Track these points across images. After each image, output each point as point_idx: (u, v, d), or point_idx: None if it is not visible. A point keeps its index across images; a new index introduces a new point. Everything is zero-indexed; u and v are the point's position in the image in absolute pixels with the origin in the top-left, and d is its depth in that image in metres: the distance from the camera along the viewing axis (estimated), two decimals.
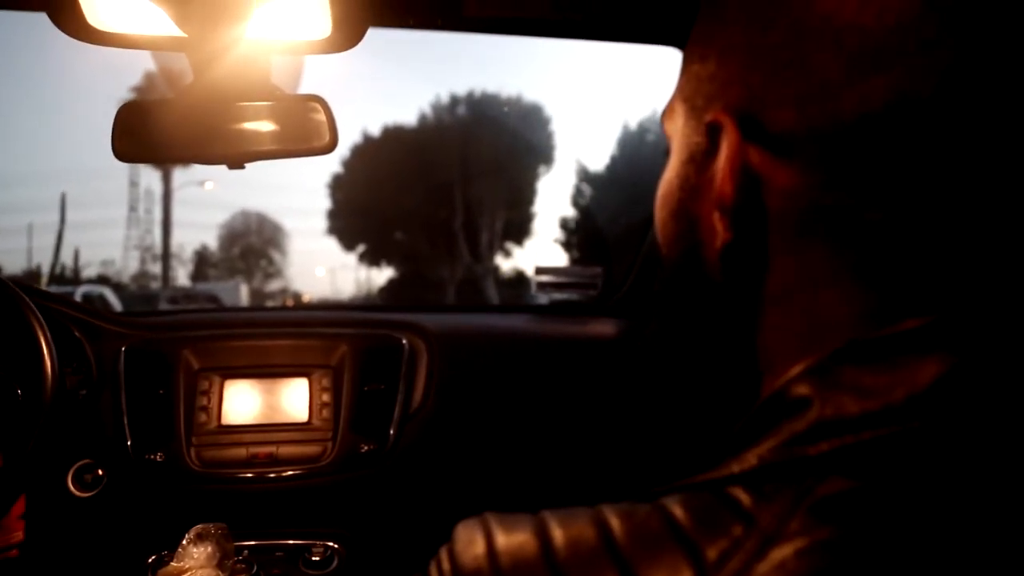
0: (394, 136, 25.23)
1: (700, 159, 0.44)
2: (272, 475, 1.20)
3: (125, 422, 1.19)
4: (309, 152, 1.08)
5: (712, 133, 0.41)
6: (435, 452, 1.30)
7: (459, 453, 1.32)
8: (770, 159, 0.39)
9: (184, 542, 0.94)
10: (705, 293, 0.45)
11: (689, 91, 0.45)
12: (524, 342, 1.43)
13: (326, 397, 1.26)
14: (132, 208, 26.36)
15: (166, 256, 25.80)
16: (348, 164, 25.78)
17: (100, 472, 1.19)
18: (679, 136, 0.47)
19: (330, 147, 1.07)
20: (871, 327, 0.36)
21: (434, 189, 23.92)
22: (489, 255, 24.85)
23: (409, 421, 1.28)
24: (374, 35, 1.01)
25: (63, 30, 0.99)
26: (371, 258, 27.42)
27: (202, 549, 0.92)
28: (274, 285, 30.96)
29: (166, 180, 26.02)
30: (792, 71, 0.38)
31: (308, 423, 1.25)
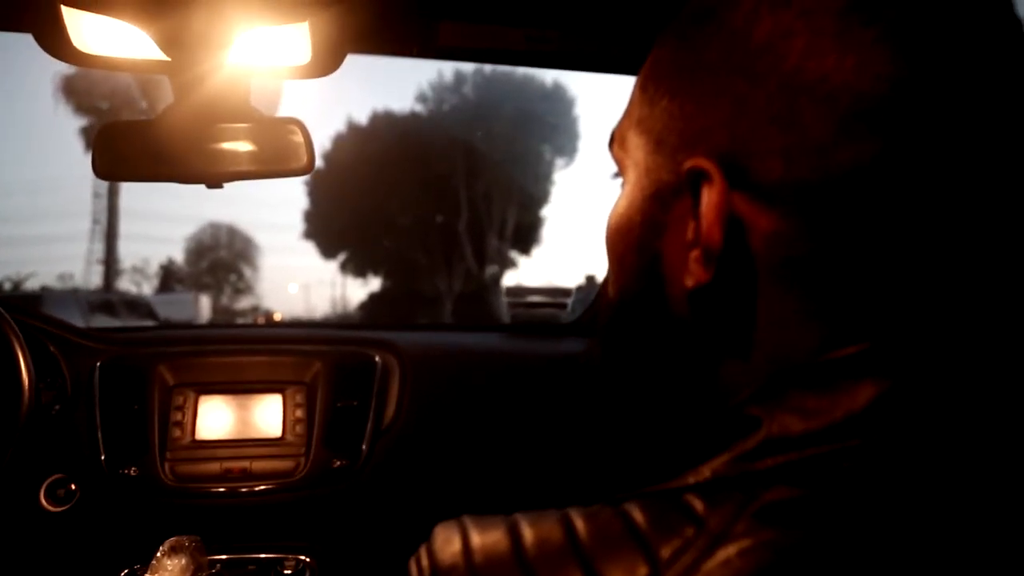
0: (385, 123, 22.10)
1: (667, 197, 0.45)
2: (245, 490, 1.24)
3: (99, 437, 1.23)
4: (286, 173, 1.13)
5: (693, 177, 0.43)
6: (407, 468, 1.34)
7: (430, 469, 1.36)
8: (754, 206, 0.41)
9: (158, 554, 0.97)
10: (659, 327, 0.48)
11: (654, 126, 0.46)
12: (494, 360, 1.48)
13: (299, 413, 1.30)
14: (95, 221, 25.71)
15: (108, 262, 24.79)
16: (329, 157, 22.61)
17: (73, 487, 1.21)
18: (639, 169, 0.48)
19: (307, 168, 1.11)
20: (820, 357, 0.40)
21: (432, 185, 21.14)
22: (500, 263, 21.99)
23: (381, 437, 1.32)
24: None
25: (48, 52, 1.03)
26: (355, 267, 24.29)
27: (176, 561, 0.95)
28: (244, 302, 30.34)
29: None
30: (781, 125, 0.40)
31: (281, 439, 1.28)
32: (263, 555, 1.25)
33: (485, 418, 1.41)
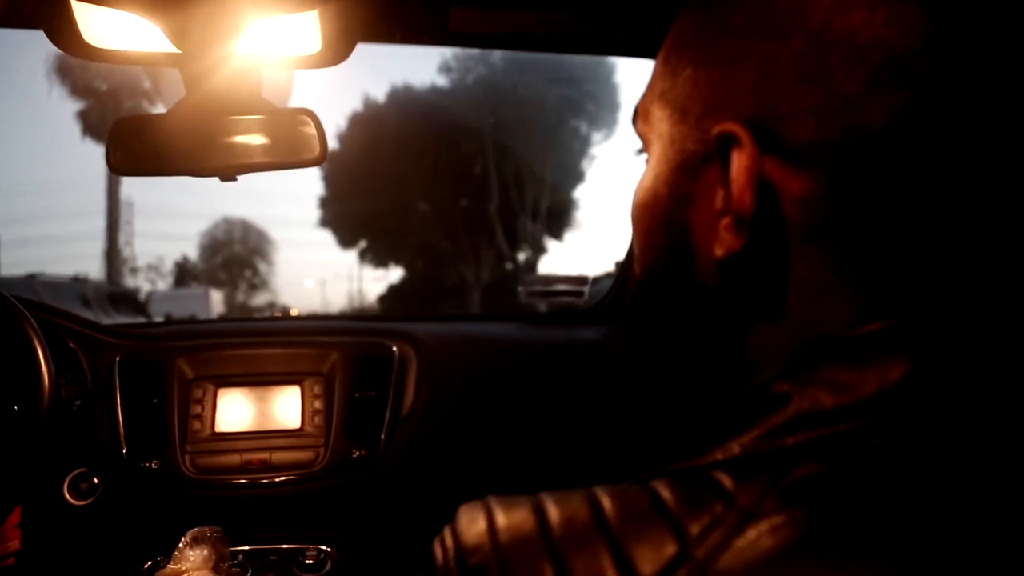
0: (405, 99, 20.23)
1: (694, 166, 0.45)
2: (265, 481, 1.26)
3: (120, 431, 1.26)
4: (299, 164, 1.14)
5: (722, 143, 0.43)
6: (425, 458, 1.35)
7: (449, 458, 1.38)
8: (785, 169, 0.41)
9: (180, 545, 1.00)
10: (687, 301, 0.48)
11: (678, 96, 0.47)
12: (512, 349, 1.49)
13: (318, 404, 1.32)
14: (117, 225, 25.85)
15: (111, 255, 24.73)
16: (345, 138, 20.66)
17: (95, 480, 1.24)
18: (663, 141, 0.48)
19: (320, 159, 1.12)
20: (852, 330, 0.40)
21: (457, 166, 19.56)
22: (531, 249, 20.16)
23: (399, 427, 1.34)
24: None
25: (60, 47, 1.05)
26: (374, 256, 22.94)
27: (198, 552, 0.98)
28: (260, 298, 30.48)
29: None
30: (810, 83, 0.40)
31: (300, 430, 1.31)
32: (284, 545, 1.27)
33: (503, 407, 1.43)
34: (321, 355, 1.37)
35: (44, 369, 1.11)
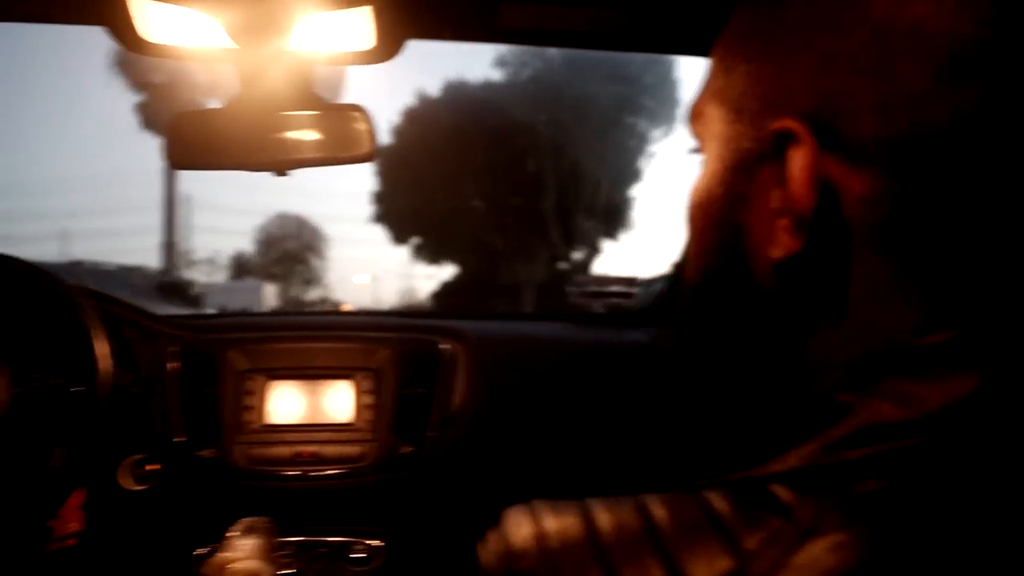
0: (459, 94, 20.28)
1: (750, 166, 0.44)
2: (315, 474, 1.28)
3: (175, 420, 1.29)
4: (350, 160, 1.16)
5: (779, 140, 0.41)
6: (473, 456, 1.37)
7: (496, 457, 1.39)
8: (845, 167, 0.40)
9: (231, 534, 1.01)
10: (743, 305, 0.47)
11: (733, 93, 0.46)
12: (561, 349, 1.50)
13: (368, 399, 1.34)
14: (169, 216, 26.53)
15: (168, 247, 25.32)
16: (399, 133, 20.67)
17: (153, 467, 1.27)
18: (718, 141, 0.47)
19: (370, 155, 1.14)
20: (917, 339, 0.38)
21: (511, 162, 19.27)
22: (586, 248, 19.80)
23: (448, 425, 1.35)
24: None
25: (121, 44, 1.07)
26: (428, 253, 22.80)
27: (249, 541, 1.00)
28: (313, 293, 31.00)
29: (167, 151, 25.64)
30: (873, 77, 0.38)
31: (350, 424, 1.33)
32: (333, 538, 1.29)
33: (551, 407, 1.43)
34: (371, 350, 1.39)
35: (102, 357, 1.15)
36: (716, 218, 0.47)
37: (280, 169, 1.16)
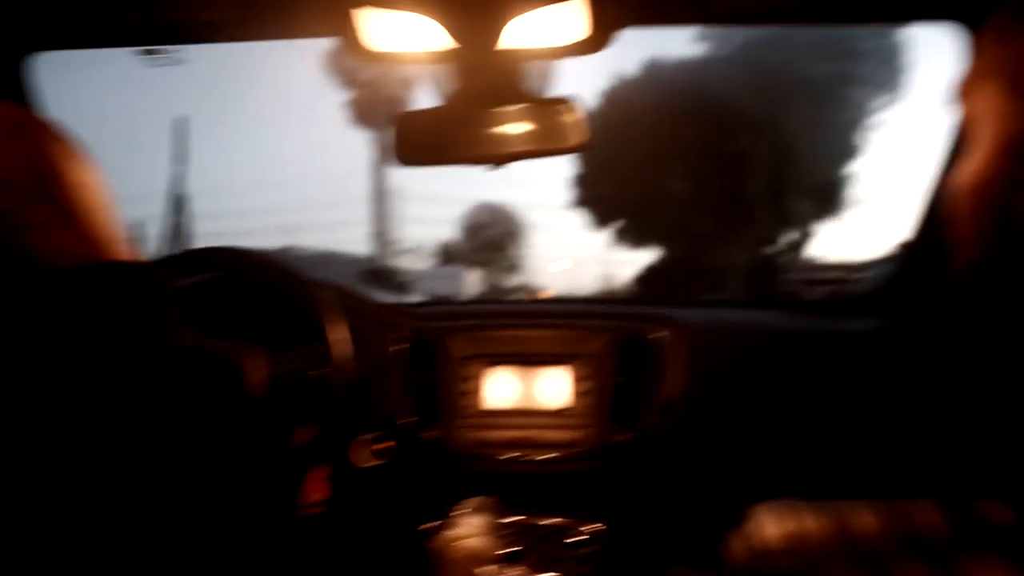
0: (658, 72, 19.37)
1: None
2: (533, 458, 1.33)
3: (402, 403, 1.38)
4: (561, 151, 1.18)
5: None
6: (688, 445, 1.36)
7: (712, 447, 1.38)
8: None
9: (459, 512, 1.07)
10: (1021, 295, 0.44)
11: (1010, 66, 0.43)
12: (777, 338, 1.45)
13: (585, 386, 1.37)
14: (379, 206, 28.15)
15: (379, 234, 26.81)
16: (598, 116, 19.66)
17: (385, 446, 1.37)
18: (990, 119, 0.45)
19: (580, 147, 1.15)
20: None
21: (717, 140, 18.13)
22: (798, 230, 18.12)
23: (662, 413, 1.35)
24: None
25: (353, 53, 1.16)
26: (630, 237, 22.09)
27: (476, 520, 1.05)
28: (513, 280, 31.86)
29: (378, 145, 27.05)
30: None
31: (566, 410, 1.36)
32: (554, 520, 1.33)
33: (767, 399, 1.39)
34: (588, 338, 1.42)
35: (337, 341, 1.25)
36: (989, 203, 0.45)
37: (496, 163, 1.21)
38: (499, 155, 1.20)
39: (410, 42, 1.12)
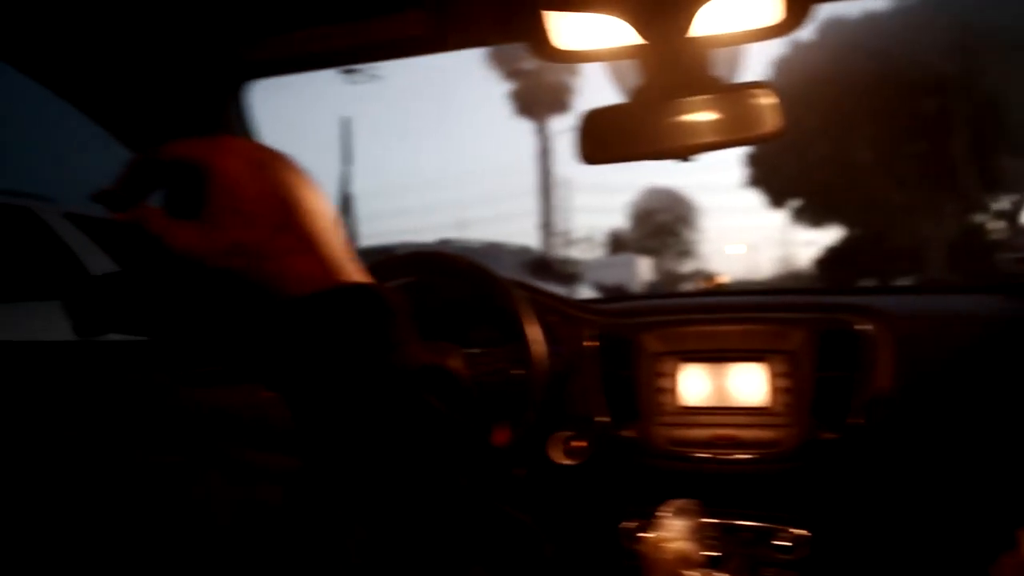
0: (837, 33, 17.68)
1: None
2: (733, 457, 1.31)
3: (598, 401, 1.38)
4: (755, 139, 1.15)
5: None
6: (901, 445, 1.29)
7: (927, 447, 1.28)
8: None
9: (662, 515, 1.07)
10: None
11: None
12: (999, 329, 1.32)
13: (783, 382, 1.32)
14: (550, 198, 28.46)
15: (546, 225, 26.94)
16: (771, 86, 18.59)
17: (581, 444, 1.39)
18: None
19: (776, 133, 1.11)
20: None
21: (906, 103, 16.33)
22: (1017, 191, 16.06)
23: (871, 412, 1.28)
24: None
25: (538, 57, 1.18)
26: (810, 215, 21.10)
27: (680, 523, 1.04)
28: (687, 266, 31.28)
29: (542, 135, 27.15)
30: None
31: (766, 408, 1.32)
32: (757, 523, 1.30)
33: (989, 396, 1.28)
34: (785, 332, 1.36)
35: (535, 340, 1.28)
36: None
37: (685, 155, 1.19)
38: (689, 147, 1.18)
39: (598, 40, 1.12)
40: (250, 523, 0.35)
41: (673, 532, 1.06)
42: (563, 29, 1.14)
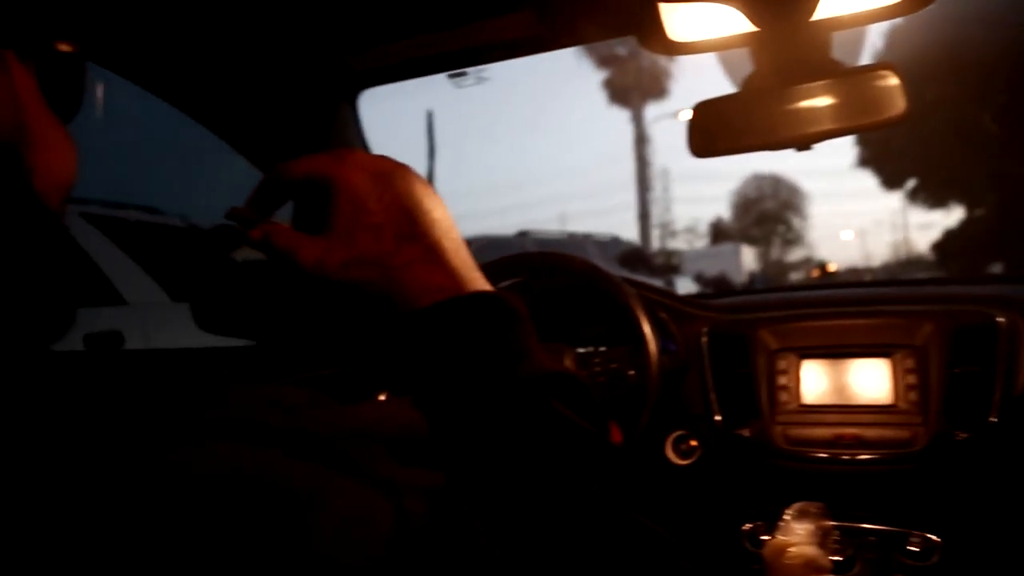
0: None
1: None
2: (858, 458, 1.26)
3: (713, 399, 1.36)
4: (877, 124, 1.10)
5: None
6: None
7: None
8: None
9: (787, 517, 1.04)
10: None
11: None
12: None
13: (911, 379, 1.27)
14: (647, 188, 28.05)
15: (643, 216, 26.46)
16: (881, 59, 16.66)
17: (694, 443, 1.37)
18: None
19: (902, 116, 1.06)
20: None
21: None
22: None
23: (1012, 410, 1.20)
24: None
25: (650, 50, 1.16)
26: (928, 195, 20.06)
27: (805, 526, 1.01)
28: (795, 254, 30.31)
29: (637, 122, 26.72)
30: None
31: (893, 406, 1.27)
32: (885, 527, 1.25)
33: None
34: (911, 325, 1.30)
35: (650, 340, 1.27)
36: None
37: (802, 144, 1.15)
38: (807, 135, 1.14)
39: (712, 30, 1.10)
40: (400, 540, 0.35)
41: (798, 536, 1.03)
42: (677, 21, 1.13)
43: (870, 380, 1.32)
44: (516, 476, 0.45)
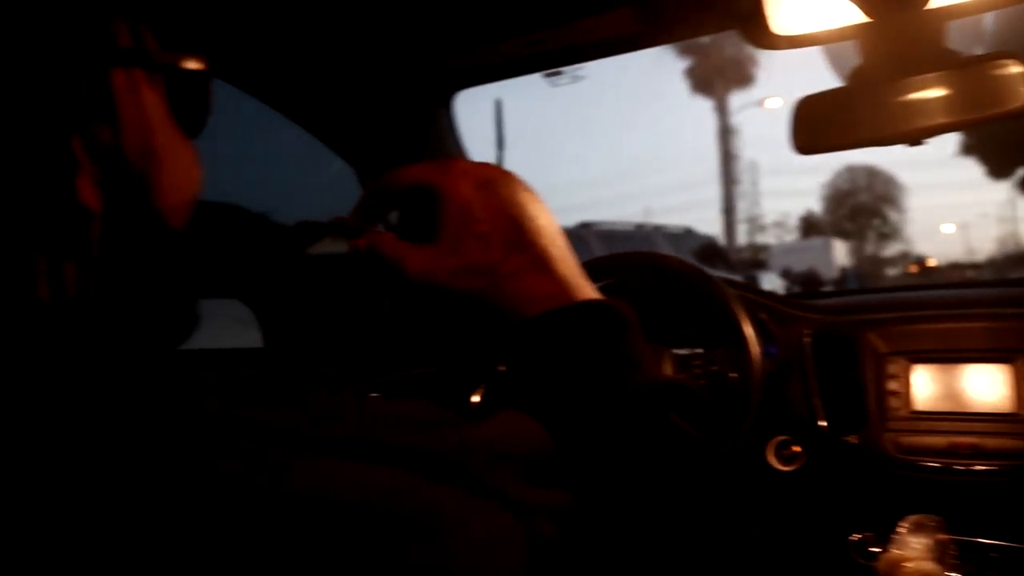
0: None
1: None
2: (975, 468, 1.20)
3: (817, 404, 1.32)
4: (1000, 116, 1.05)
5: None
6: None
7: None
8: None
9: (902, 531, 1.00)
10: None
11: None
12: None
13: None
14: (734, 181, 27.49)
15: (728, 211, 25.84)
16: (978, 37, 16.71)
17: (796, 449, 1.33)
18: None
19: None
20: None
21: None
22: None
23: None
24: None
25: (754, 44, 1.14)
26: None
27: (922, 540, 0.97)
28: (891, 248, 29.21)
29: (721, 111, 26.11)
30: None
31: (1015, 414, 1.20)
32: (1008, 543, 1.19)
33: None
34: None
35: (752, 343, 1.24)
36: None
37: (914, 139, 1.11)
38: (920, 129, 1.09)
39: (819, 22, 1.07)
40: (534, 562, 0.35)
41: (915, 550, 0.99)
42: (783, 13, 1.10)
43: (988, 386, 1.25)
44: (641, 492, 0.45)
